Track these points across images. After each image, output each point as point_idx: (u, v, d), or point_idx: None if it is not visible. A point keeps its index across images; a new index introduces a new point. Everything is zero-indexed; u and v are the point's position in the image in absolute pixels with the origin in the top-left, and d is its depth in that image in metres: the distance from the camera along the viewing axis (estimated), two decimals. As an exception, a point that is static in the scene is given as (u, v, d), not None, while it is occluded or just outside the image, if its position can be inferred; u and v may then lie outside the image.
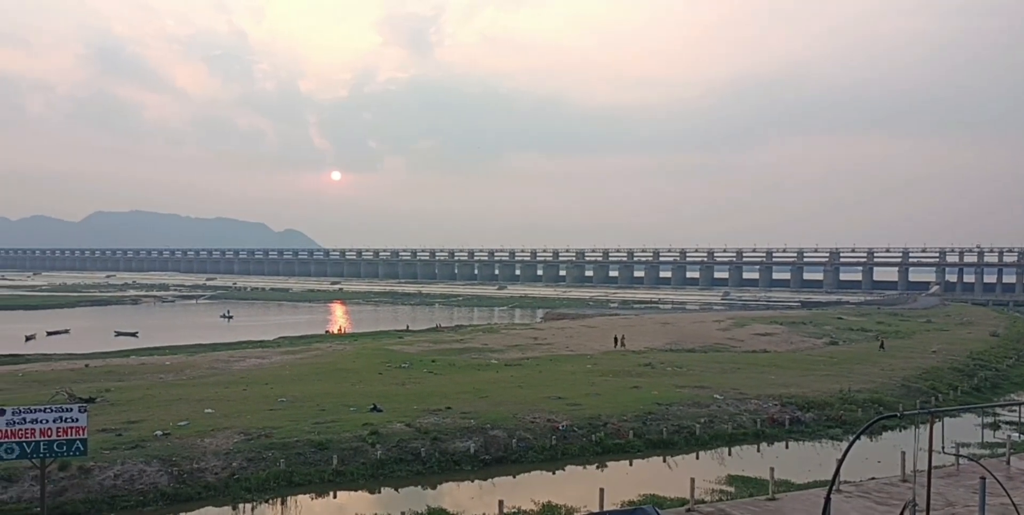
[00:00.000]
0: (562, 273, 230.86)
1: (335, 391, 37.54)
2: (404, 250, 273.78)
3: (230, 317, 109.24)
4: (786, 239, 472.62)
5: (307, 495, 24.60)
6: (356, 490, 25.41)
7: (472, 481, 26.67)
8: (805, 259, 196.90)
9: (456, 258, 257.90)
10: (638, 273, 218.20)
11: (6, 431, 18.04)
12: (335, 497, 24.89)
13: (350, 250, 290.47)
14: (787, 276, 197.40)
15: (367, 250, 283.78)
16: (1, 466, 22.24)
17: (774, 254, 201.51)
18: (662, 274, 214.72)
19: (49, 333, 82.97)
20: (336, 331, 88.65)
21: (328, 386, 39.43)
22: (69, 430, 18.51)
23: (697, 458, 30.13)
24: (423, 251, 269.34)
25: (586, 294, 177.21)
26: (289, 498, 24.18)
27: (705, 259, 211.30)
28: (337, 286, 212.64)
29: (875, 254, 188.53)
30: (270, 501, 23.87)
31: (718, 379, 42.45)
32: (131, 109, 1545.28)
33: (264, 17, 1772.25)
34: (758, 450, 31.51)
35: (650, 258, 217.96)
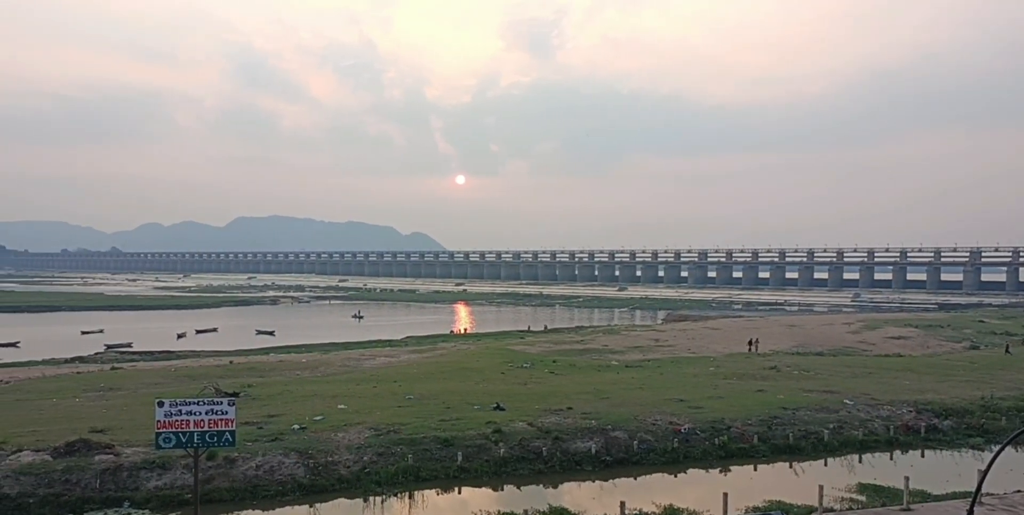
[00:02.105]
0: (684, 274, 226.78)
1: (460, 389, 38.52)
2: (525, 252, 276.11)
3: (361, 317, 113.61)
4: (921, 238, 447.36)
5: (433, 490, 25.39)
6: (479, 487, 26.04)
7: (593, 481, 26.84)
8: (943, 259, 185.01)
9: (576, 259, 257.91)
10: (763, 274, 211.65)
11: (164, 422, 19.50)
12: (459, 493, 25.59)
13: (473, 252, 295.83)
14: (923, 277, 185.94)
15: (490, 252, 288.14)
16: (156, 455, 24.17)
17: (908, 254, 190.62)
18: (788, 275, 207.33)
19: (198, 331, 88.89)
20: (460, 331, 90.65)
21: (453, 384, 40.49)
22: (219, 422, 19.69)
23: (825, 465, 29.18)
24: (544, 253, 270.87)
25: (709, 295, 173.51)
26: (416, 493, 25.00)
27: (834, 259, 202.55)
28: (461, 287, 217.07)
29: (1021, 253, 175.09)
30: (398, 495, 24.77)
31: (848, 383, 40.87)
32: (270, 119, 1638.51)
33: (392, 27, 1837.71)
34: (891, 458, 30.21)
35: (776, 258, 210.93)
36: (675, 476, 27.81)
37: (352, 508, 23.93)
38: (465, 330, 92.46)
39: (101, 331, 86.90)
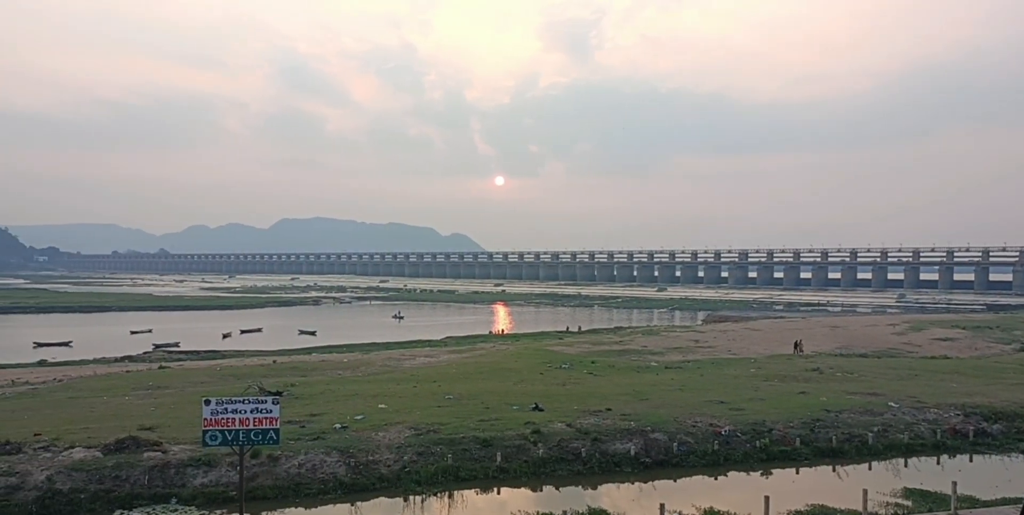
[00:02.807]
0: (724, 274, 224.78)
1: (498, 390, 38.63)
2: (564, 252, 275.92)
3: (401, 317, 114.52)
4: (969, 238, 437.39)
5: (472, 490, 25.52)
6: (518, 487, 26.10)
7: (632, 483, 26.77)
8: (991, 258, 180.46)
9: (615, 260, 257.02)
10: (805, 274, 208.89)
11: (211, 419, 19.90)
12: (498, 493, 25.69)
13: (512, 253, 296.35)
14: (970, 277, 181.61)
15: (528, 253, 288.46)
16: (203, 452, 24.68)
17: (956, 254, 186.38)
18: (831, 275, 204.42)
19: (243, 331, 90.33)
20: (499, 332, 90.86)
21: (492, 385, 40.62)
22: (264, 421, 20.03)
23: (869, 469, 28.75)
24: (582, 253, 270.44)
25: (749, 296, 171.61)
26: (456, 492, 25.15)
27: (878, 259, 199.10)
28: (500, 288, 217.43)
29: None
30: (438, 494, 24.94)
31: (893, 386, 40.17)
32: (313, 123, 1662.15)
33: (432, 30, 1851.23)
34: (938, 462, 29.65)
35: (818, 259, 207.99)
36: (715, 479, 27.60)
37: (392, 507, 24.17)
38: (504, 331, 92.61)
39: (150, 331, 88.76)
